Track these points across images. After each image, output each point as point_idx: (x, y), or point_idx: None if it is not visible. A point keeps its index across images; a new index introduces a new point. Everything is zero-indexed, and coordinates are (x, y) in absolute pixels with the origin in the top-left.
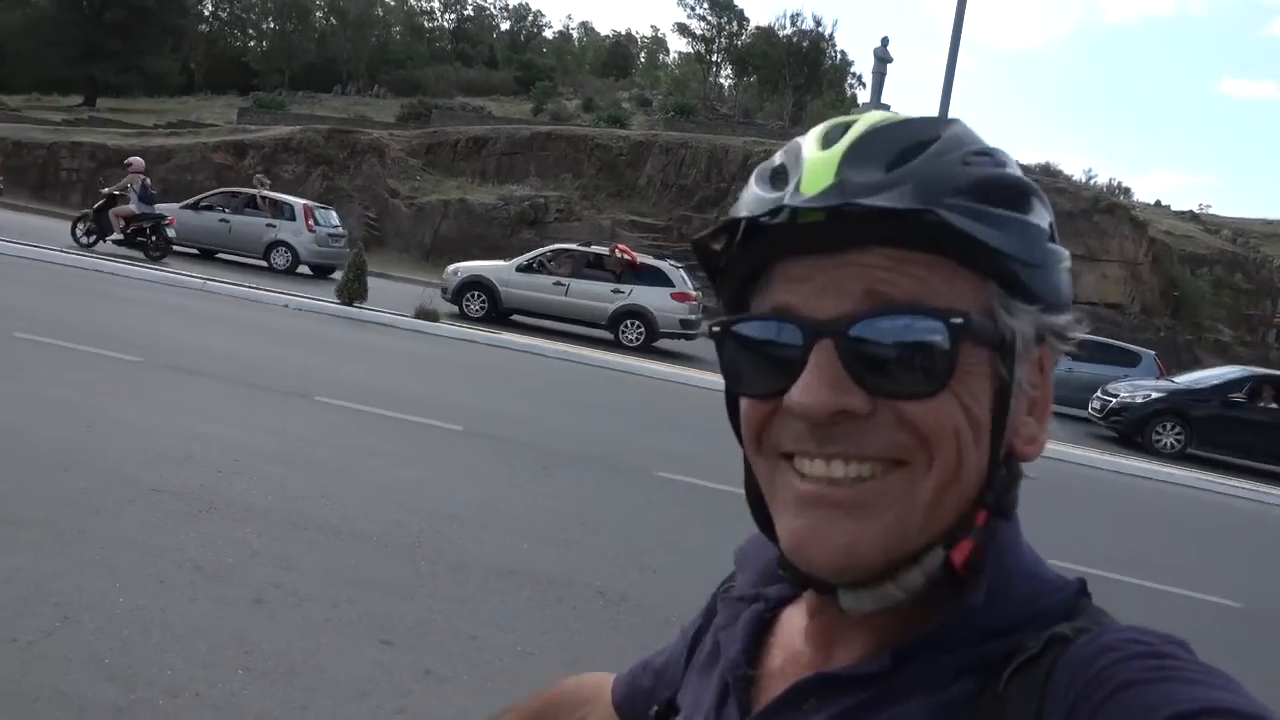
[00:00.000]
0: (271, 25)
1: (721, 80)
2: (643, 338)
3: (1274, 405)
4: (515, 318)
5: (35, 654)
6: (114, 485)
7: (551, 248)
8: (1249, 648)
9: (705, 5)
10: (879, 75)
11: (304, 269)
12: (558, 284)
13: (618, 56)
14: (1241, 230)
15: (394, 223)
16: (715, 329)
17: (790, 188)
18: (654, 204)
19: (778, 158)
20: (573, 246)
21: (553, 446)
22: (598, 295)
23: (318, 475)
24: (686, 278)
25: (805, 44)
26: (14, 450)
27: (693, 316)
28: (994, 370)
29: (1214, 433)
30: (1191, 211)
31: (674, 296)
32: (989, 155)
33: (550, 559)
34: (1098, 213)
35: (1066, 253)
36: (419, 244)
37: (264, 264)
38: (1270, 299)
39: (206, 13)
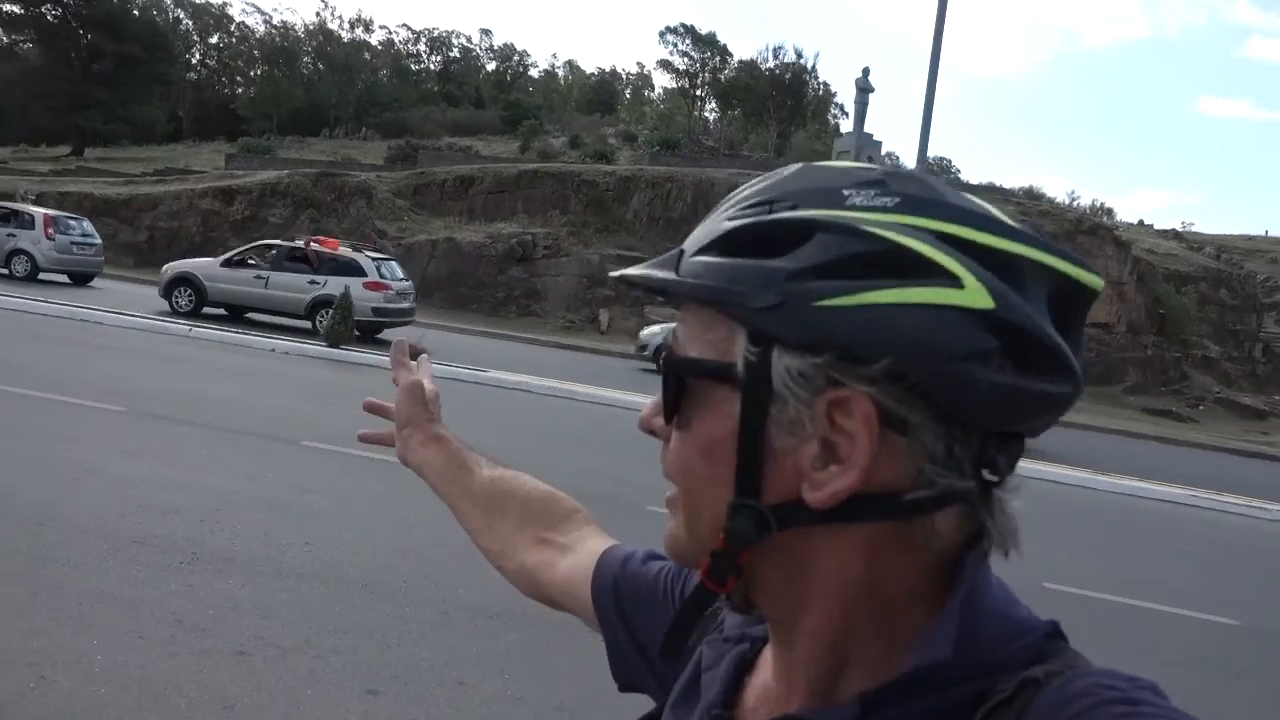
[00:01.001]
0: (259, 71)
1: (706, 114)
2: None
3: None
4: (223, 310)
5: (7, 716)
6: (94, 538)
7: (257, 243)
8: (1248, 667)
9: (688, 41)
10: (861, 105)
11: (51, 276)
12: (258, 277)
13: (603, 93)
14: (1224, 246)
15: None
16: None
17: None
18: (641, 237)
19: None
20: (276, 241)
21: (571, 488)
22: (295, 286)
23: (303, 521)
24: (387, 269)
25: (788, 76)
26: None
27: (389, 305)
28: (739, 410)
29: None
30: (1174, 230)
31: (367, 286)
32: (767, 204)
33: None
34: (1081, 234)
35: (860, 287)
36: None
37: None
38: (1255, 313)
39: (194, 61)
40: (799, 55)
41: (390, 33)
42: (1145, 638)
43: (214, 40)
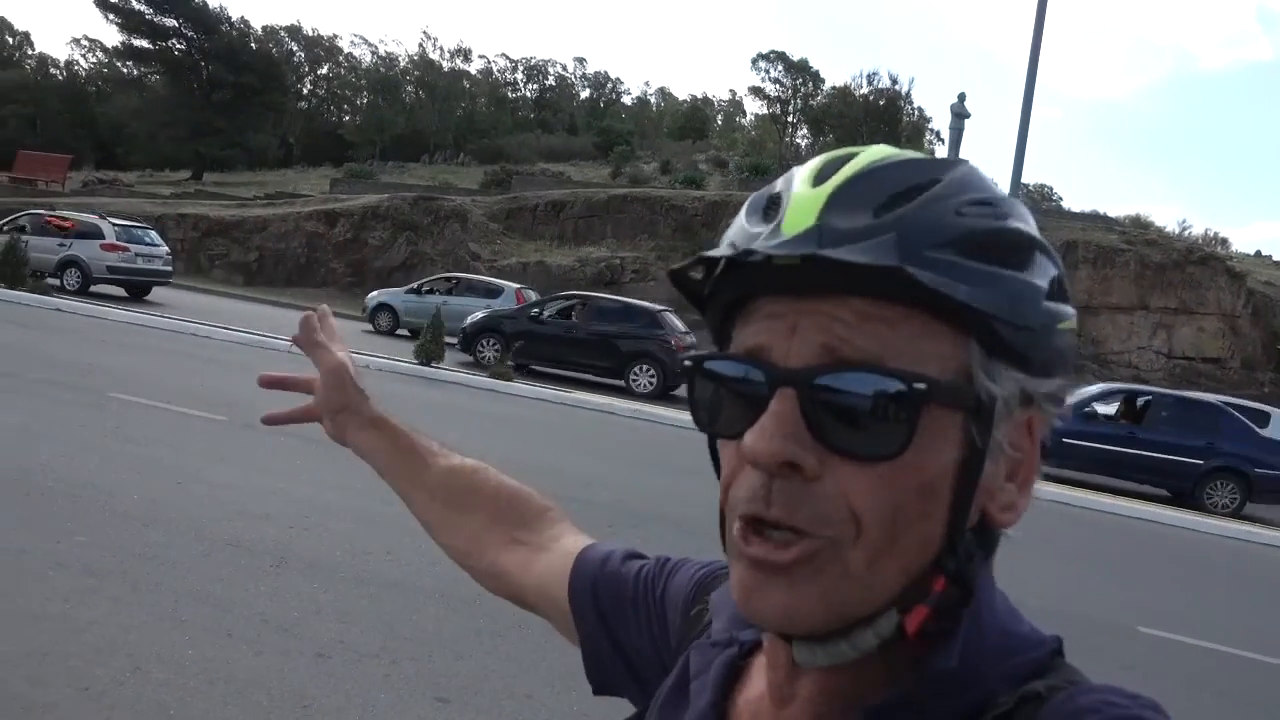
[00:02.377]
0: (365, 100)
1: (798, 140)
2: (81, 282)
3: (573, 320)
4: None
5: (105, 703)
6: (191, 540)
7: (25, 213)
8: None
9: (780, 68)
10: (956, 131)
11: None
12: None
13: (695, 120)
14: None
15: None
16: (688, 363)
17: (773, 225)
18: None
19: (777, 185)
20: (40, 211)
21: (620, 504)
22: (47, 249)
23: (386, 531)
24: (130, 234)
25: (882, 102)
26: (104, 505)
27: (124, 264)
28: (964, 435)
29: (524, 344)
30: None
31: (103, 247)
32: (990, 205)
33: None
34: (1191, 264)
35: (1070, 310)
36: None
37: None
38: None
39: (305, 90)
40: (894, 81)
41: (489, 61)
42: (1246, 688)
43: (323, 70)
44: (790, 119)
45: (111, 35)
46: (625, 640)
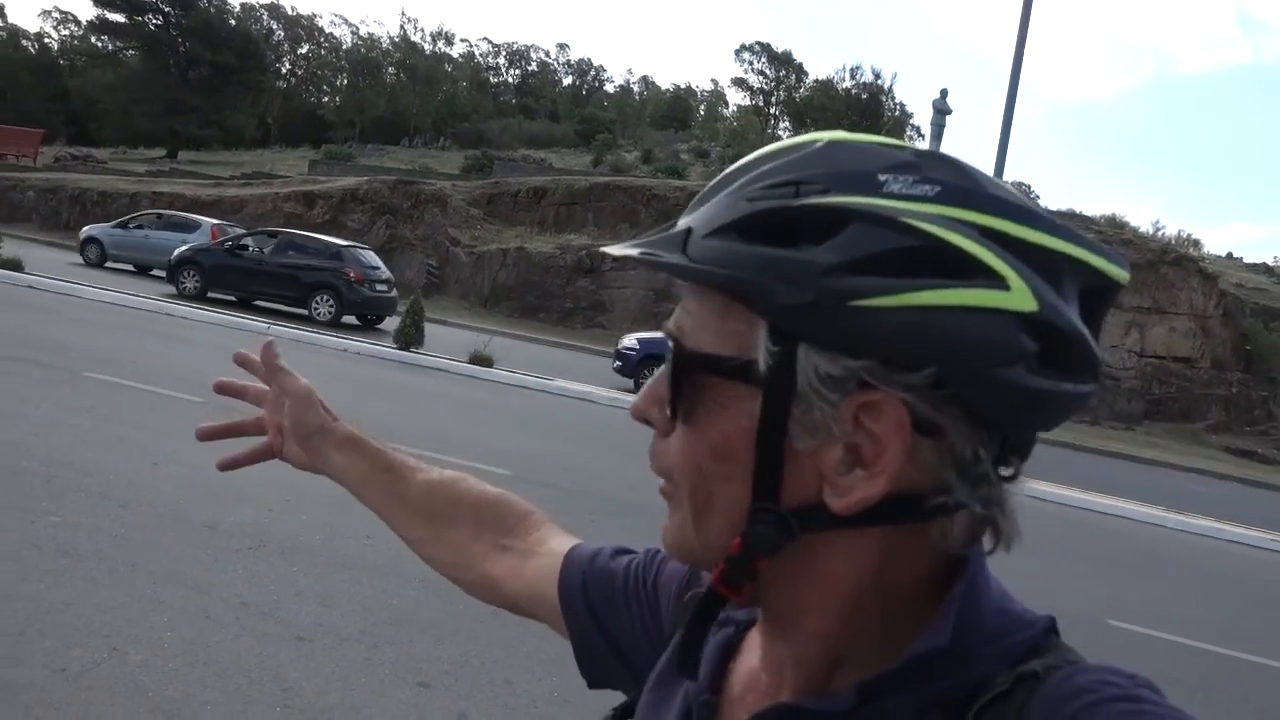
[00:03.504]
0: (344, 81)
1: (780, 132)
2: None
3: (264, 254)
4: None
5: (83, 684)
6: (168, 521)
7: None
8: None
9: (764, 59)
10: (938, 127)
11: None
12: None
13: (677, 110)
14: None
15: (454, 270)
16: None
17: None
18: None
19: None
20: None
21: (601, 493)
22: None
23: (364, 516)
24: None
25: (865, 96)
26: (80, 485)
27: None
28: (758, 409)
29: (219, 275)
30: (1266, 264)
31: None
32: (794, 185)
33: None
34: (1165, 264)
35: (896, 286)
36: (477, 291)
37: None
38: None
39: (284, 70)
40: (876, 75)
41: (471, 46)
42: (1212, 681)
43: (303, 50)
44: (773, 111)
45: (86, 8)
46: (617, 634)
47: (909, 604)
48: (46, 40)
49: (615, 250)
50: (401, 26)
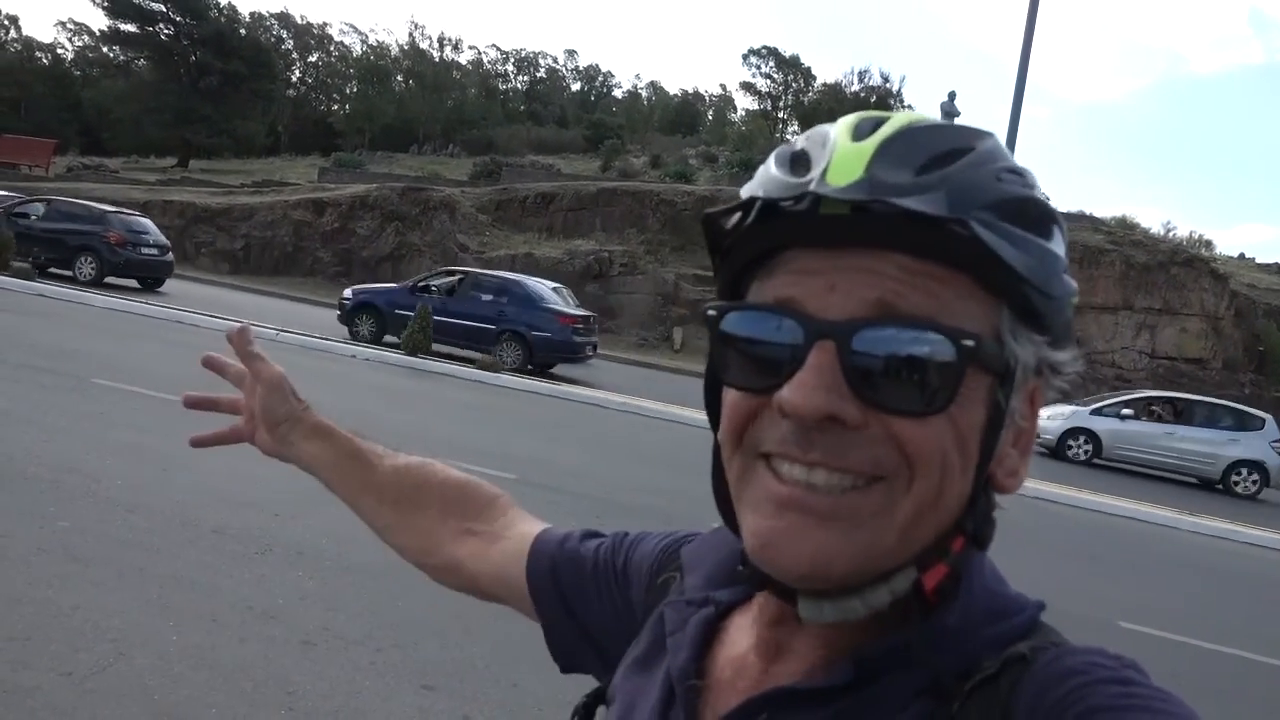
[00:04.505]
0: (354, 89)
1: (788, 136)
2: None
3: (35, 220)
4: None
5: (88, 688)
6: (176, 526)
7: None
8: None
9: (771, 64)
10: None
11: None
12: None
13: (685, 114)
14: None
15: None
16: (711, 312)
17: (815, 175)
18: None
19: (800, 142)
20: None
21: (606, 496)
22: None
23: None
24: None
25: (873, 99)
26: (87, 490)
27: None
28: (991, 397)
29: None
30: (1278, 264)
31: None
32: (1020, 175)
33: None
34: (1175, 265)
35: (1076, 287)
36: None
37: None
38: None
39: (294, 78)
40: (885, 78)
41: (479, 53)
42: (1225, 683)
43: (313, 59)
44: (781, 115)
45: (98, 19)
46: (587, 618)
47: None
48: (60, 51)
49: (843, 196)
50: (410, 34)
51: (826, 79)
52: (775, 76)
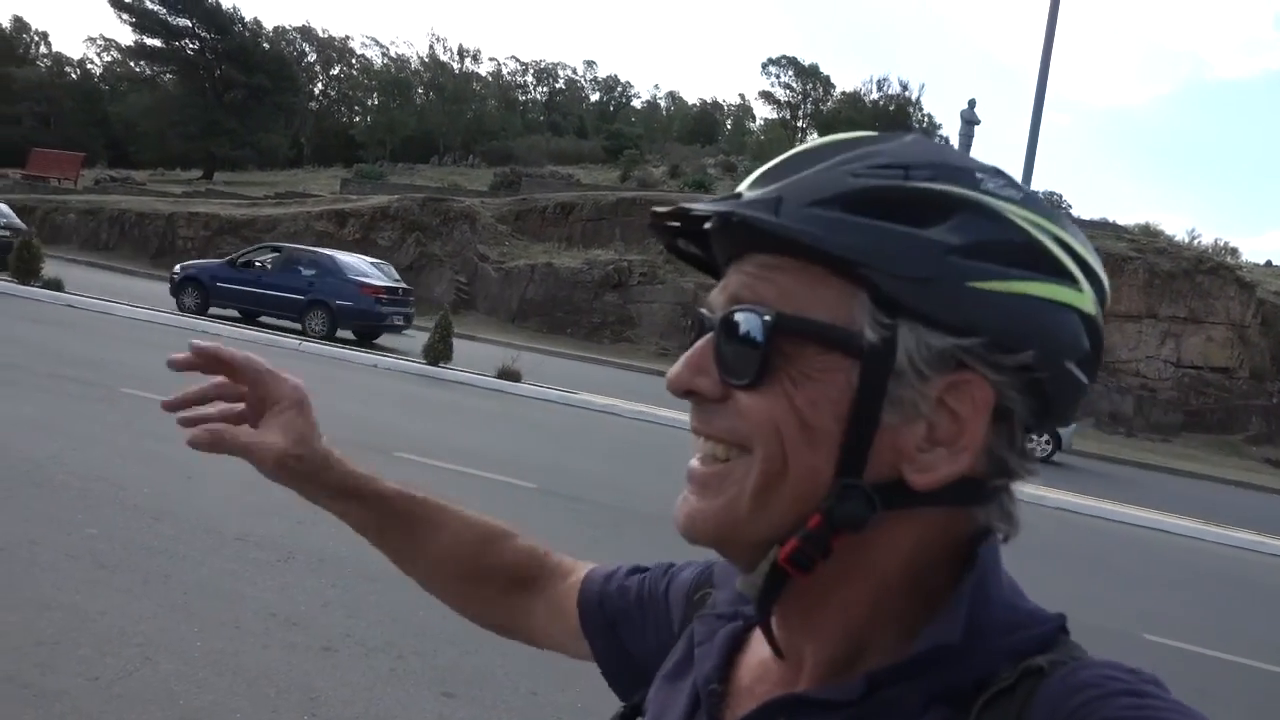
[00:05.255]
0: (375, 101)
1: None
2: None
3: None
4: None
5: (114, 693)
6: (201, 533)
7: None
8: None
9: (790, 73)
10: (966, 137)
11: None
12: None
13: (704, 124)
14: None
15: (483, 286)
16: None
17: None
18: None
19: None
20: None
21: (626, 506)
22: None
23: None
24: None
25: (892, 108)
26: (115, 498)
27: None
28: (848, 379)
29: None
30: None
31: None
32: (901, 169)
33: None
34: (1201, 273)
35: (1011, 274)
36: (506, 307)
37: None
38: None
39: (317, 91)
40: (904, 87)
41: (499, 64)
42: (1251, 697)
43: (335, 72)
44: (800, 124)
45: (126, 35)
46: (636, 646)
47: (927, 592)
48: (89, 66)
49: (703, 207)
50: (431, 46)
51: (846, 88)
52: (794, 86)
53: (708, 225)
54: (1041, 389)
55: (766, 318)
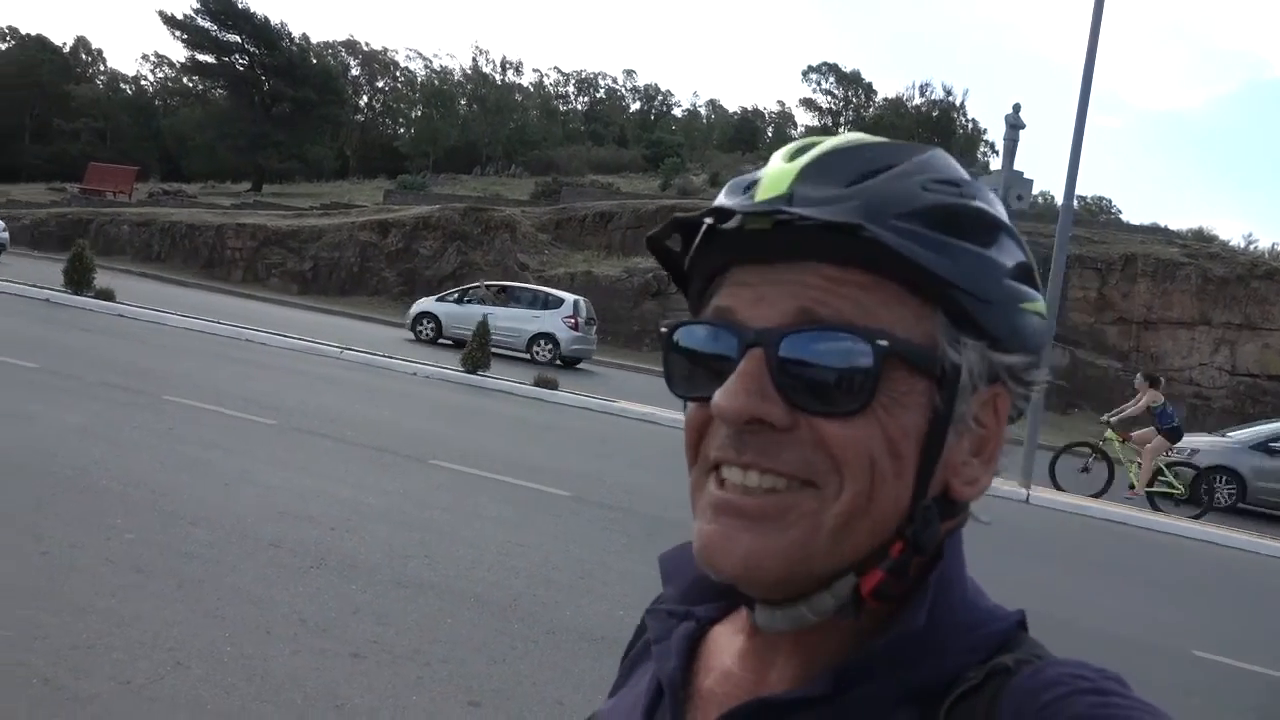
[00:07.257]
0: (419, 113)
1: None
2: None
3: None
4: None
5: (145, 696)
6: (235, 539)
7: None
8: None
9: (831, 80)
10: (1011, 142)
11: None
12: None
13: (745, 132)
14: None
15: None
16: (664, 329)
17: (747, 196)
18: None
19: (755, 170)
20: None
21: (659, 514)
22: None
23: (424, 535)
24: None
25: (935, 113)
26: (154, 504)
27: None
28: (929, 401)
29: None
30: None
31: None
32: (955, 185)
33: None
34: (1256, 279)
35: (1037, 295)
36: None
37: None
38: None
39: (361, 104)
40: (947, 92)
41: (541, 75)
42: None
43: (380, 84)
44: (842, 130)
45: (178, 51)
46: None
47: (902, 590)
48: (143, 83)
49: (801, 210)
50: (474, 58)
51: (888, 94)
52: (836, 92)
53: (729, 225)
54: (1028, 396)
55: (881, 342)
